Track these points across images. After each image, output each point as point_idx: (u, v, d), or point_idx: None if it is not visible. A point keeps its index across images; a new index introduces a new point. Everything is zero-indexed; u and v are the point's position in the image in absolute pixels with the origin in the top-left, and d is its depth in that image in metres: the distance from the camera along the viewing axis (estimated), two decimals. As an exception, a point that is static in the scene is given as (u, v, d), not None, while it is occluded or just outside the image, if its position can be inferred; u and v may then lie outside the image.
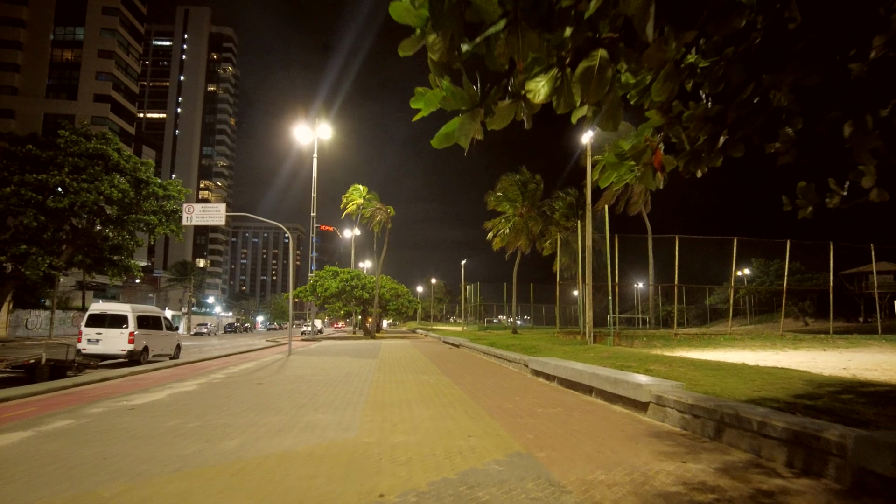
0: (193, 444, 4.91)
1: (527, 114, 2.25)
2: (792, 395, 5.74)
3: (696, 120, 3.12)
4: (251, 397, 7.95)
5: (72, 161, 23.66)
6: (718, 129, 3.21)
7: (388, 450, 4.65)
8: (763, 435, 4.26)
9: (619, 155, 2.89)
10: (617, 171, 2.97)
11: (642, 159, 2.83)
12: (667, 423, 5.79)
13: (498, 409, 6.79)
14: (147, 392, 8.67)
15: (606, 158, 2.97)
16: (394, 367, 13.30)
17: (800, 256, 23.72)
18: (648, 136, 2.83)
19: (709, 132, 3.22)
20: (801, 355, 14.65)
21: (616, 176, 3.06)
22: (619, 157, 2.89)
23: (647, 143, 2.82)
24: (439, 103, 2.09)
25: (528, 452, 4.57)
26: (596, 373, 7.67)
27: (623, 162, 2.91)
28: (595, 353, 12.67)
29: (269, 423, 5.87)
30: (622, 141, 2.90)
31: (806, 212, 3.77)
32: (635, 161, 2.87)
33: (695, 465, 4.15)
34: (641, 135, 2.83)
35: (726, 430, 4.77)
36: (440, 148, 2.20)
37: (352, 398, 7.76)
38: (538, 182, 33.31)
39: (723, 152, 3.27)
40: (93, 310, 15.04)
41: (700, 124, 3.14)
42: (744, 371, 8.02)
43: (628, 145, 2.87)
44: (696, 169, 3.38)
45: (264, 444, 4.87)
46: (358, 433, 5.33)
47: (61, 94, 60.34)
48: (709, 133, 3.22)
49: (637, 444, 4.90)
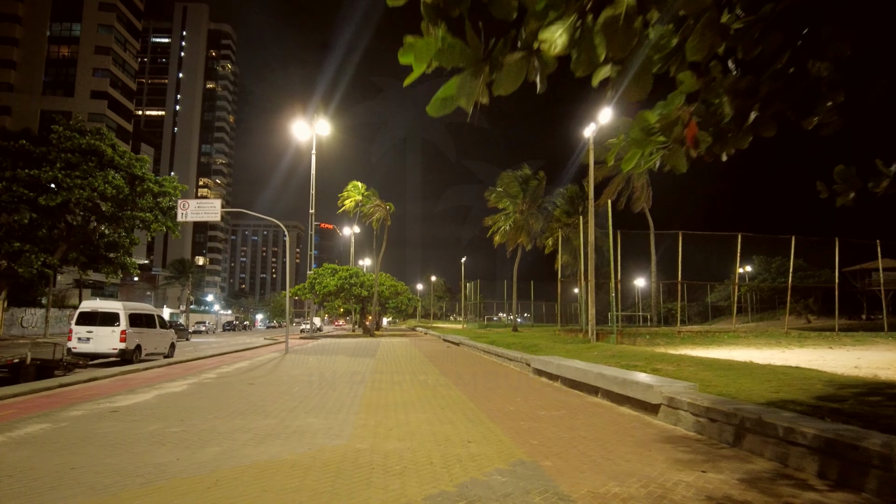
0: (172, 451, 4.55)
1: (540, 73, 1.88)
2: (813, 397, 5.38)
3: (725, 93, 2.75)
4: (240, 399, 7.59)
5: (65, 157, 23.23)
6: (749, 104, 2.84)
7: (381, 458, 4.30)
8: (790, 442, 3.90)
9: (645, 130, 2.51)
10: (643, 148, 2.59)
11: (673, 133, 2.46)
12: (680, 426, 5.43)
13: (499, 412, 6.44)
14: (133, 393, 8.31)
15: (631, 134, 2.59)
16: (391, 366, 12.95)
17: (802, 253, 23.38)
18: (680, 105, 2.45)
19: (737, 108, 2.85)
20: (808, 354, 14.31)
21: (640, 156, 2.69)
22: (646, 131, 2.51)
23: (679, 114, 2.44)
24: (434, 57, 1.71)
25: (532, 461, 4.21)
26: (602, 373, 7.32)
27: (649, 138, 2.53)
28: (599, 352, 12.31)
29: (256, 428, 5.51)
30: (648, 113, 2.52)
31: (847, 198, 3.39)
32: (665, 136, 2.49)
33: (716, 475, 3.79)
34: (672, 104, 2.45)
35: (747, 435, 4.42)
36: (438, 115, 1.83)
37: (345, 400, 7.40)
38: (540, 179, 32.91)
39: (752, 131, 2.90)
40: (83, 307, 14.67)
41: (729, 98, 2.77)
42: (757, 371, 7.66)
43: (655, 117, 2.49)
44: (722, 150, 3.01)
45: (248, 452, 4.51)
46: (349, 439, 4.97)
47: (58, 90, 59.82)
48: (737, 109, 2.85)
49: (650, 450, 4.54)
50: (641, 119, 2.51)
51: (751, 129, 2.88)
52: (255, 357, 16.54)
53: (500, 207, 33.54)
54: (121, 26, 63.56)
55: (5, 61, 58.53)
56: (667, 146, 2.63)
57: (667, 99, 2.48)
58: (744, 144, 2.95)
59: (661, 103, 2.50)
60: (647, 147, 2.59)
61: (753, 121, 2.84)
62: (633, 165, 2.76)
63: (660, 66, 2.20)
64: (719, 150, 3.02)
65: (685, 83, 2.38)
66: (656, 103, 2.55)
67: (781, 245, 25.11)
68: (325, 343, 25.93)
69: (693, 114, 2.44)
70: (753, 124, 2.85)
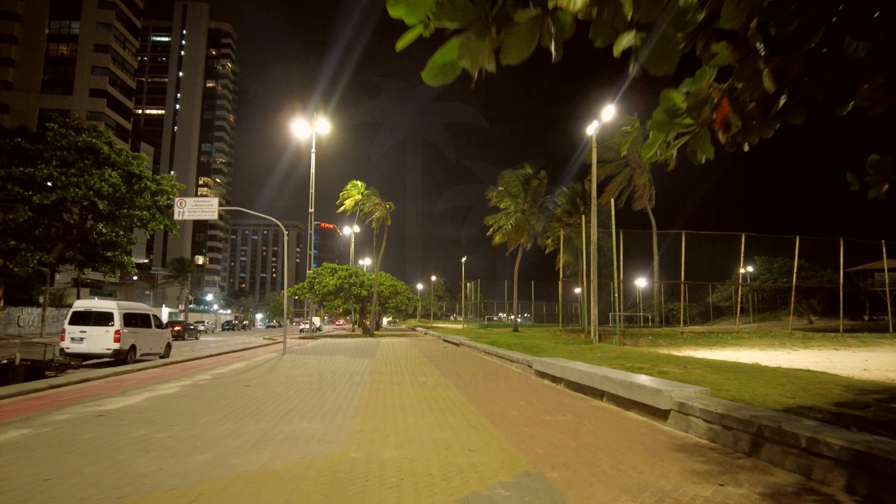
0: (156, 459, 4.30)
1: (555, 37, 1.63)
2: (832, 402, 5.13)
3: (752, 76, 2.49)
4: (234, 402, 7.34)
5: (60, 154, 22.97)
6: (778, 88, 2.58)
7: (377, 468, 4.04)
8: (814, 454, 3.65)
9: (669, 111, 2.25)
10: (666, 132, 2.33)
11: (702, 115, 2.20)
12: (691, 433, 5.18)
13: (501, 417, 6.19)
14: (124, 395, 8.06)
15: (654, 117, 2.33)
16: (391, 367, 12.70)
17: (803, 253, 23.10)
18: (711, 82, 2.19)
19: (764, 92, 2.59)
20: (813, 355, 14.07)
21: (662, 142, 2.44)
22: (670, 113, 2.26)
23: (710, 91, 2.18)
24: (431, 12, 1.46)
25: (538, 471, 3.96)
26: (608, 375, 7.06)
27: (674, 121, 2.28)
28: (602, 353, 12.06)
29: (248, 434, 5.26)
30: (674, 92, 2.26)
31: (880, 191, 3.12)
32: (692, 118, 2.23)
33: (735, 488, 3.54)
34: (702, 80, 2.19)
35: (765, 445, 4.16)
36: (436, 84, 1.58)
37: (342, 403, 7.15)
38: (541, 178, 32.64)
39: (780, 118, 2.64)
40: (77, 307, 14.41)
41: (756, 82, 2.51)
42: (768, 374, 7.40)
43: (681, 97, 2.23)
44: (746, 139, 2.75)
45: (237, 461, 4.26)
46: (344, 447, 4.72)
47: (56, 88, 59.56)
48: (764, 93, 2.59)
49: (662, 460, 4.29)
50: (666, 99, 2.25)
51: (779, 115, 2.63)
52: (253, 357, 16.29)
53: (502, 207, 33.28)
54: (120, 24, 63.30)
55: (4, 59, 58.27)
56: (692, 130, 2.38)
57: (695, 76, 2.22)
58: (769, 132, 2.70)
59: (689, 80, 2.24)
60: (672, 131, 2.33)
61: (783, 106, 2.59)
62: (653, 153, 2.50)
63: (691, 29, 1.95)
64: (742, 139, 2.76)
65: (719, 55, 2.12)
66: (682, 81, 2.30)
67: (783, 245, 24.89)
68: (324, 343, 25.68)
69: (726, 92, 2.19)
70: (782, 110, 2.60)
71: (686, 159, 2.68)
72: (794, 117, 2.65)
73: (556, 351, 13.22)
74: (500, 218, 33.44)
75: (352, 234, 49.62)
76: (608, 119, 16.72)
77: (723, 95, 2.17)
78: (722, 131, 2.22)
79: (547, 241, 34.37)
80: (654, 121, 2.32)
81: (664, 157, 2.65)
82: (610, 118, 16.40)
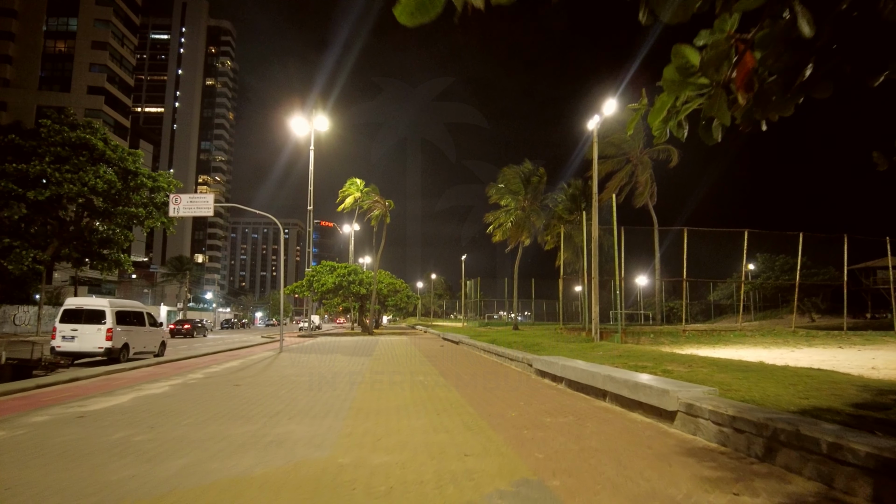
0: (130, 465, 4.03)
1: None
2: (848, 403, 4.85)
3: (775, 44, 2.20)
4: (222, 402, 7.07)
5: (54, 150, 22.68)
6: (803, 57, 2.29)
7: (366, 475, 3.77)
8: (837, 460, 3.37)
9: (682, 69, 1.97)
10: (678, 94, 2.05)
11: (720, 72, 1.92)
12: (699, 436, 4.91)
13: (500, 418, 5.91)
14: (110, 395, 7.80)
15: (665, 76, 2.05)
16: (388, 366, 12.43)
17: (805, 251, 22.79)
18: (732, 32, 1.91)
19: (787, 62, 2.30)
20: (818, 353, 13.78)
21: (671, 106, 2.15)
22: (683, 71, 1.97)
23: (731, 43, 1.89)
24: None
25: (538, 479, 3.69)
26: (611, 375, 6.78)
27: (687, 80, 2.00)
28: (604, 352, 11.79)
29: (232, 436, 4.99)
30: (687, 48, 1.97)
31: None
32: (708, 76, 1.95)
33: (751, 498, 3.26)
34: (723, 28, 1.90)
35: (781, 449, 3.88)
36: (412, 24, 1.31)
37: (334, 404, 6.88)
38: (541, 175, 32.37)
39: (804, 91, 2.35)
40: (68, 304, 14.14)
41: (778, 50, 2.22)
42: (777, 373, 7.12)
43: (695, 52, 1.95)
44: (764, 116, 2.46)
45: (215, 466, 3.99)
46: (332, 451, 4.44)
47: (54, 85, 59.28)
48: (786, 63, 2.30)
49: (671, 465, 4.01)
50: (679, 55, 1.96)
51: (802, 88, 2.34)
52: (249, 356, 16.04)
53: (502, 204, 33.00)
54: (118, 21, 62.97)
55: (1, 56, 57.97)
56: (707, 92, 2.09)
57: (714, 25, 1.93)
58: (789, 109, 2.40)
59: (706, 32, 1.95)
60: (684, 92, 2.05)
61: (808, 78, 2.30)
62: (662, 117, 2.22)
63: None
64: (761, 116, 2.47)
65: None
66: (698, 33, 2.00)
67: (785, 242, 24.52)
68: (323, 341, 25.43)
69: (750, 43, 1.89)
70: (807, 82, 2.31)
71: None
72: (819, 91, 2.36)
73: (557, 349, 12.95)
74: (501, 215, 33.17)
75: (351, 232, 49.37)
76: (609, 113, 16.42)
77: (746, 48, 1.88)
78: (743, 90, 1.93)
79: (547, 239, 34.11)
80: (664, 80, 2.03)
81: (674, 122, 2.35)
82: (612, 112, 16.10)
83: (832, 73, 2.34)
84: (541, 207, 33.12)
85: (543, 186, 32.92)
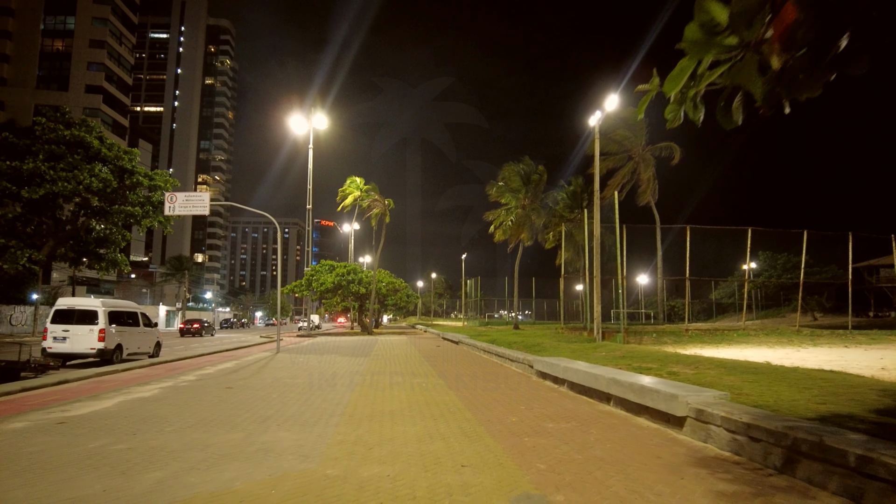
0: (103, 478, 3.75)
1: None
2: (870, 409, 4.57)
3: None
4: (210, 406, 6.80)
5: (48, 148, 22.40)
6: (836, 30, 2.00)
7: (354, 489, 3.49)
8: (867, 475, 3.09)
9: (707, 26, 1.68)
10: (702, 55, 1.76)
11: (752, 29, 1.63)
12: (711, 444, 4.63)
13: (499, 424, 5.63)
14: (95, 399, 7.52)
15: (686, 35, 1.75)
16: (385, 367, 12.16)
17: (808, 249, 22.48)
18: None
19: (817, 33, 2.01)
20: (825, 353, 13.49)
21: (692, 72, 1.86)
22: (708, 29, 1.68)
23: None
24: None
25: (540, 494, 3.41)
26: (616, 378, 6.50)
27: (713, 39, 1.71)
28: (606, 352, 11.51)
29: (216, 445, 4.71)
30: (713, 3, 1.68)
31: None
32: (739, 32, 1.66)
33: (773, 517, 2.98)
34: None
35: (802, 461, 3.60)
36: None
37: (327, 408, 6.60)
38: (541, 173, 32.07)
39: (837, 66, 2.06)
40: (59, 305, 13.86)
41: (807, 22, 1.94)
42: (790, 375, 6.84)
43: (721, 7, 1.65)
44: (790, 96, 2.18)
45: (194, 479, 3.71)
46: (320, 462, 4.16)
47: (52, 84, 58.99)
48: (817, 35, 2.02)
49: (682, 478, 3.73)
50: (703, 10, 1.67)
51: (836, 63, 2.05)
52: (245, 356, 15.77)
53: (503, 202, 32.72)
54: (116, 19, 62.65)
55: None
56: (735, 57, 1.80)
57: None
58: (817, 88, 2.11)
59: None
60: (709, 54, 1.76)
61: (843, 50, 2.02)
62: (681, 85, 1.93)
63: None
64: (787, 95, 2.18)
65: None
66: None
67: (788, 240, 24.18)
68: (321, 341, 25.16)
69: None
70: (842, 55, 2.02)
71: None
72: (855, 67, 2.08)
73: (559, 350, 12.67)
74: (501, 213, 32.89)
75: (351, 231, 49.12)
76: (611, 109, 16.12)
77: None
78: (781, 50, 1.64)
79: (548, 237, 33.81)
80: (685, 40, 1.74)
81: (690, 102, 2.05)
82: (613, 107, 15.80)
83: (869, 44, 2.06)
84: (541, 206, 32.84)
85: (543, 185, 32.65)
